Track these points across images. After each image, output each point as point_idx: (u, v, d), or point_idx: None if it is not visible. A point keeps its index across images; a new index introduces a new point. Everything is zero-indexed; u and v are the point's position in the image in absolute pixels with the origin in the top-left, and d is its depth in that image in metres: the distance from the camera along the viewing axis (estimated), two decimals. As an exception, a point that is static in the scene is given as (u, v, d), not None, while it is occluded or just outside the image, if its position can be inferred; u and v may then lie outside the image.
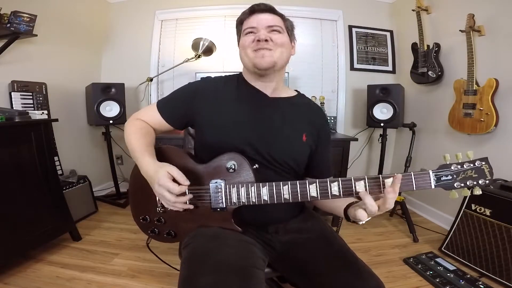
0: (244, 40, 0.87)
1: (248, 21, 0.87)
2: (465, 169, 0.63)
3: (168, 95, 0.95)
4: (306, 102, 0.98)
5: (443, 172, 0.64)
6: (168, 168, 0.74)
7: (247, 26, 0.86)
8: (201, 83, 0.94)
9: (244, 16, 0.89)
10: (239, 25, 0.90)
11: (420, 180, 0.64)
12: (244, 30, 0.87)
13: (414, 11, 2.25)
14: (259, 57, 0.83)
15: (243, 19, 0.89)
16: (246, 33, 0.86)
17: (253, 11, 0.86)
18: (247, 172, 0.78)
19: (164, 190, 0.72)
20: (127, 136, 0.89)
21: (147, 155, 0.81)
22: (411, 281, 1.49)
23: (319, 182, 0.70)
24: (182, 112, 0.91)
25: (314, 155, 0.94)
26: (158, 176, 0.73)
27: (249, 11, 0.87)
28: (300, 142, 0.89)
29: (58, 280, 1.44)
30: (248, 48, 0.85)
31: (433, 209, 2.29)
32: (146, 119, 0.93)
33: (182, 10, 2.70)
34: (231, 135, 0.84)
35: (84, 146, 2.63)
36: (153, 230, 0.90)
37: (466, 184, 0.63)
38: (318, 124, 0.94)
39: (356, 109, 2.76)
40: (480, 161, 0.63)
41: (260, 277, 0.71)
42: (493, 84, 1.71)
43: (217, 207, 0.79)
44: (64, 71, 2.36)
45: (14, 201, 1.47)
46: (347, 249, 0.83)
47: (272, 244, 0.86)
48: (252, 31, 0.85)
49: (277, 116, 0.88)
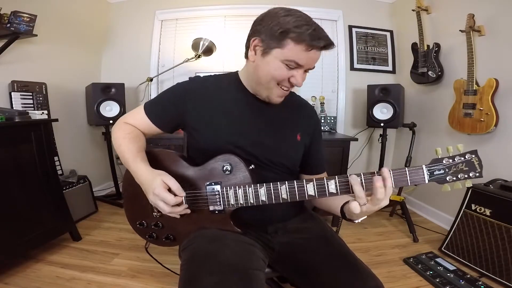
0: (279, 68, 0.73)
1: (301, 53, 0.70)
2: (456, 163, 0.64)
3: (156, 96, 0.91)
4: (298, 100, 0.97)
5: (435, 167, 0.65)
6: (164, 177, 0.73)
7: (295, 58, 0.71)
8: (190, 84, 0.89)
9: (303, 38, 0.68)
10: (284, 34, 0.69)
11: (414, 175, 0.65)
12: (288, 59, 0.71)
13: (414, 11, 2.25)
14: (279, 96, 0.80)
15: (298, 39, 0.69)
16: (286, 62, 0.72)
17: (312, 48, 0.70)
18: (243, 173, 0.77)
19: (159, 200, 0.72)
20: (115, 141, 0.86)
21: (139, 161, 0.79)
22: (411, 281, 1.49)
23: (316, 181, 0.70)
24: (171, 115, 0.87)
25: (310, 151, 0.94)
26: (153, 186, 0.72)
27: (310, 42, 0.69)
28: (295, 142, 0.89)
29: (58, 280, 1.44)
30: (275, 82, 0.76)
31: (433, 209, 2.28)
32: (134, 123, 0.89)
33: (182, 10, 2.70)
34: (224, 141, 0.81)
35: (84, 146, 2.63)
36: (151, 235, 0.89)
37: (458, 177, 0.64)
38: (312, 120, 0.95)
39: (356, 109, 2.76)
40: (470, 154, 0.64)
41: (261, 278, 0.71)
42: (493, 84, 1.71)
43: (215, 209, 0.78)
44: (64, 71, 2.36)
45: (14, 201, 1.47)
46: (346, 249, 0.83)
47: (272, 244, 0.86)
48: (296, 67, 0.73)
49: (271, 118, 0.87)
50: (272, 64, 0.74)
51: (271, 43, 0.72)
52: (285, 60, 0.72)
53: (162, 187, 0.71)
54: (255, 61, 0.77)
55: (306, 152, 0.93)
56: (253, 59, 0.78)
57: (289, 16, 0.71)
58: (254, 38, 0.76)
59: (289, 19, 0.70)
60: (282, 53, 0.71)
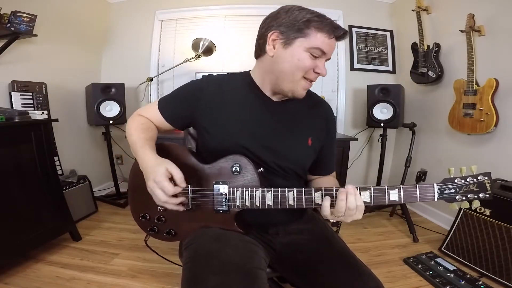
0: (304, 58, 0.74)
1: (324, 40, 0.73)
2: (468, 183, 0.65)
3: (170, 93, 0.92)
4: (313, 98, 0.93)
5: (446, 186, 0.65)
6: (168, 165, 0.72)
7: (321, 45, 0.73)
8: (203, 82, 0.88)
9: (324, 26, 0.72)
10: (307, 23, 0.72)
11: (424, 192, 0.65)
12: (313, 47, 0.73)
13: (414, 11, 2.25)
14: (305, 88, 0.79)
15: (321, 27, 0.72)
16: (311, 51, 0.73)
17: (334, 35, 0.73)
18: (252, 175, 0.76)
19: (157, 187, 0.70)
20: (128, 130, 0.87)
21: (147, 148, 0.78)
22: (411, 281, 1.49)
23: (324, 190, 0.70)
24: (183, 113, 0.88)
25: (321, 154, 0.93)
26: (156, 172, 0.70)
27: (332, 30, 0.72)
28: (305, 147, 0.87)
29: (58, 280, 1.44)
30: (301, 73, 0.76)
31: (433, 209, 2.29)
32: (148, 116, 0.91)
33: (182, 10, 2.70)
34: (233, 142, 0.81)
35: (84, 146, 2.62)
36: (153, 228, 0.89)
37: (467, 197, 0.65)
38: (326, 121, 0.92)
39: (356, 109, 2.76)
40: (483, 176, 0.64)
41: (263, 277, 0.71)
42: (493, 84, 1.71)
43: (220, 209, 0.78)
44: (64, 71, 2.36)
45: (14, 201, 1.47)
46: (347, 250, 0.83)
47: (273, 245, 0.86)
48: (320, 56, 0.75)
49: (282, 122, 0.85)
50: (296, 54, 0.74)
51: (292, 34, 0.73)
52: (310, 48, 0.73)
53: (164, 175, 0.70)
54: (274, 55, 0.77)
55: (317, 154, 0.92)
56: (272, 53, 0.77)
57: (303, 11, 0.74)
58: (272, 32, 0.76)
59: (305, 12, 0.73)
60: (308, 41, 0.73)
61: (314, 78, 0.79)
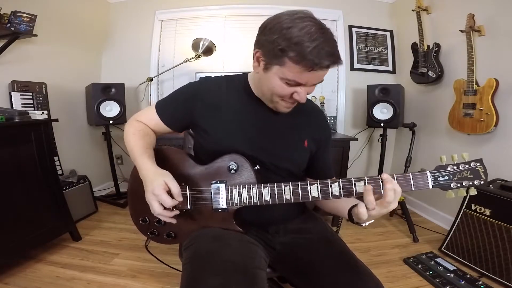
0: (279, 86, 0.70)
1: (302, 73, 0.65)
2: (460, 170, 0.65)
3: (167, 96, 0.92)
4: (309, 105, 0.94)
5: (440, 173, 0.66)
6: (166, 178, 0.74)
7: (295, 78, 0.67)
8: (201, 84, 0.89)
9: (303, 57, 0.62)
10: (283, 52, 0.64)
11: (418, 180, 0.66)
12: (287, 78, 0.67)
13: (414, 11, 2.25)
14: (286, 107, 0.78)
15: (298, 59, 0.63)
16: (286, 81, 0.68)
17: (315, 68, 0.64)
18: (248, 172, 0.78)
19: (155, 199, 0.72)
20: (126, 137, 0.88)
21: (145, 157, 0.80)
22: (411, 281, 1.49)
23: (320, 183, 0.71)
24: (182, 115, 0.88)
25: (316, 157, 0.93)
26: (154, 185, 0.72)
27: (312, 63, 0.63)
28: (302, 148, 0.88)
29: (58, 280, 1.45)
30: (278, 98, 0.74)
31: (433, 209, 2.29)
32: (145, 121, 0.91)
33: (182, 10, 2.70)
34: (230, 145, 0.82)
35: (84, 146, 2.62)
36: (153, 231, 0.89)
37: (462, 184, 0.65)
38: (322, 129, 0.94)
39: (356, 109, 2.76)
40: (475, 162, 0.65)
41: (263, 277, 0.71)
42: (493, 84, 1.71)
43: (218, 207, 0.79)
44: (64, 71, 2.36)
45: (14, 201, 1.47)
46: (347, 250, 0.83)
47: (273, 244, 0.86)
48: (297, 85, 0.69)
49: (279, 125, 0.86)
50: (272, 81, 0.71)
51: (271, 59, 0.68)
52: (284, 78, 0.68)
53: (162, 188, 0.72)
54: (259, 73, 0.75)
55: (313, 157, 0.93)
56: (257, 70, 0.75)
57: (292, 28, 0.63)
58: (256, 50, 0.73)
59: (292, 32, 0.63)
60: (282, 72, 0.67)
61: (293, 102, 0.75)
